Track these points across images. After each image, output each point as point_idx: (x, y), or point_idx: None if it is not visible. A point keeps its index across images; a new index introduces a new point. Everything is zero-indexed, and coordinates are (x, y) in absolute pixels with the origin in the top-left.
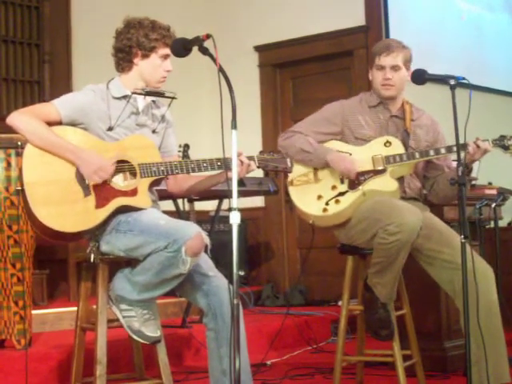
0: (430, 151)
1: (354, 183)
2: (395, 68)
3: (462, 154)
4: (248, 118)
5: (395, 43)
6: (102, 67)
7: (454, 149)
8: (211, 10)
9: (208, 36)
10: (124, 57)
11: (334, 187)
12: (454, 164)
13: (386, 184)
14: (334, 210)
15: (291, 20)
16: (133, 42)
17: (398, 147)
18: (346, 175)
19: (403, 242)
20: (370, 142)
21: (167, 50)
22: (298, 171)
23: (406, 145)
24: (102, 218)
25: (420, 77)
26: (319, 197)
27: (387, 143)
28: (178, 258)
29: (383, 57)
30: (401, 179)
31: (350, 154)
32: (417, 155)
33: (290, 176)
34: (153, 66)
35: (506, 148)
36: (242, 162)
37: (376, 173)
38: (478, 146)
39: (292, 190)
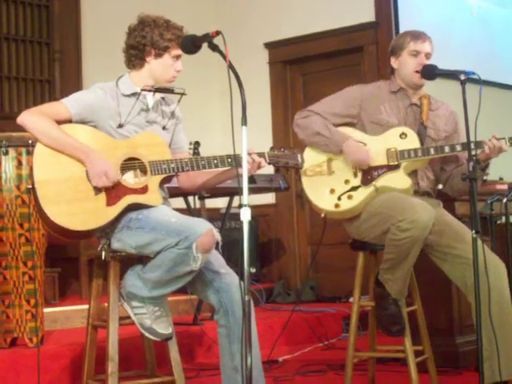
0: (445, 148)
1: (367, 178)
2: (428, 56)
3: (477, 151)
4: (258, 115)
5: (425, 33)
6: (111, 65)
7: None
8: (221, 7)
9: (217, 33)
10: (136, 54)
11: (346, 181)
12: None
13: (399, 181)
14: (347, 206)
15: (301, 16)
16: (147, 40)
17: (413, 140)
18: (358, 166)
19: (415, 239)
20: (386, 132)
21: (180, 51)
22: (311, 161)
23: (422, 137)
24: (112, 216)
25: (430, 72)
26: (332, 190)
27: (403, 135)
28: (190, 255)
29: (420, 43)
30: (414, 172)
31: (365, 144)
32: (432, 151)
33: (304, 165)
34: (164, 66)
35: None
36: (253, 160)
37: (389, 168)
38: (494, 145)
39: (305, 181)
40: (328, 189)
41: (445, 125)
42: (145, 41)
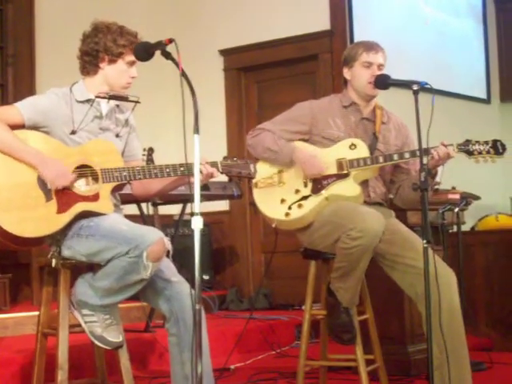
0: (393, 156)
1: (317, 187)
2: (380, 67)
3: (426, 159)
4: (213, 122)
5: (378, 44)
6: (65, 69)
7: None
8: (176, 14)
9: (171, 40)
10: (90, 60)
11: (297, 191)
12: None
13: (348, 189)
14: (297, 215)
15: (256, 24)
16: (100, 46)
17: (362, 150)
18: (310, 171)
19: (365, 247)
20: (336, 143)
21: (134, 57)
22: (263, 173)
23: (372, 148)
24: (63, 223)
25: (383, 82)
26: (282, 200)
27: (352, 146)
28: (140, 264)
29: (372, 54)
30: (365, 183)
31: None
32: (380, 159)
33: (256, 178)
34: (118, 72)
35: (470, 153)
36: (206, 170)
37: (339, 177)
38: (441, 151)
39: (256, 193)
40: (279, 199)
41: (395, 139)
42: (98, 47)
